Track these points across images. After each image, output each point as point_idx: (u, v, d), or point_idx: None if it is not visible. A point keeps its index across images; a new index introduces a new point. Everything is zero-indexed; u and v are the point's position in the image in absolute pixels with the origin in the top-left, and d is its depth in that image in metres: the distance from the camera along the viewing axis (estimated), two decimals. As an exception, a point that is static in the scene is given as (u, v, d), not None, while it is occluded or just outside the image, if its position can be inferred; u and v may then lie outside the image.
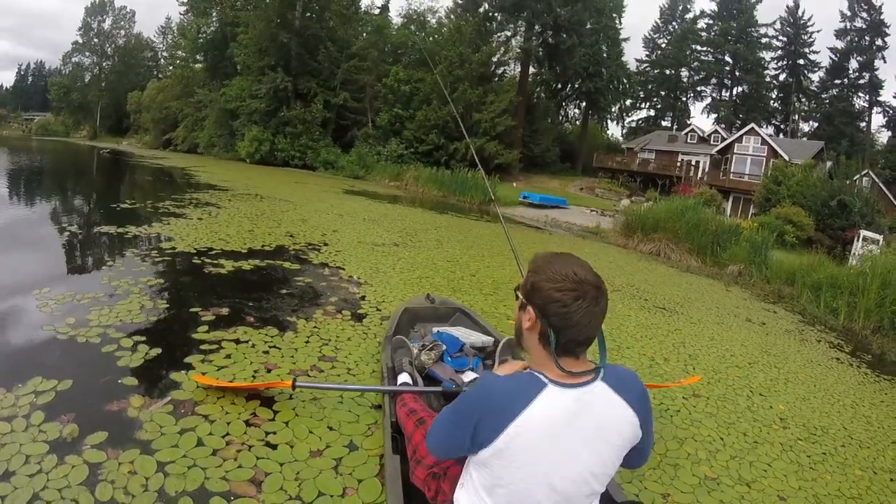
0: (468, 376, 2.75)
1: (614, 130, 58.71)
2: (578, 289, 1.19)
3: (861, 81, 45.09)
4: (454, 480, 1.51)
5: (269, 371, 2.99)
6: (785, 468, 2.84)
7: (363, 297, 4.75)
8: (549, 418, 1.19)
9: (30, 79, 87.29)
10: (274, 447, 2.30)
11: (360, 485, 2.14)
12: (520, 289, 1.31)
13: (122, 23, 61.86)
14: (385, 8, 40.43)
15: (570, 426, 1.20)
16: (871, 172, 28.95)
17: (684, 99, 53.27)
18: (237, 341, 3.33)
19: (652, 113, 54.51)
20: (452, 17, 36.20)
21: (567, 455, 1.21)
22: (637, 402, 1.28)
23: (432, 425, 1.46)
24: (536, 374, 1.24)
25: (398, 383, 2.51)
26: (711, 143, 35.48)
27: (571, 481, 1.24)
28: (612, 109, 47.89)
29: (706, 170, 33.56)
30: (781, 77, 49.69)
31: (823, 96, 47.38)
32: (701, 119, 77.18)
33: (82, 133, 58.56)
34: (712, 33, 50.29)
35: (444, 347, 2.93)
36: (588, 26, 38.21)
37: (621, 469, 2.47)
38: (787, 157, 27.94)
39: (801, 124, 49.28)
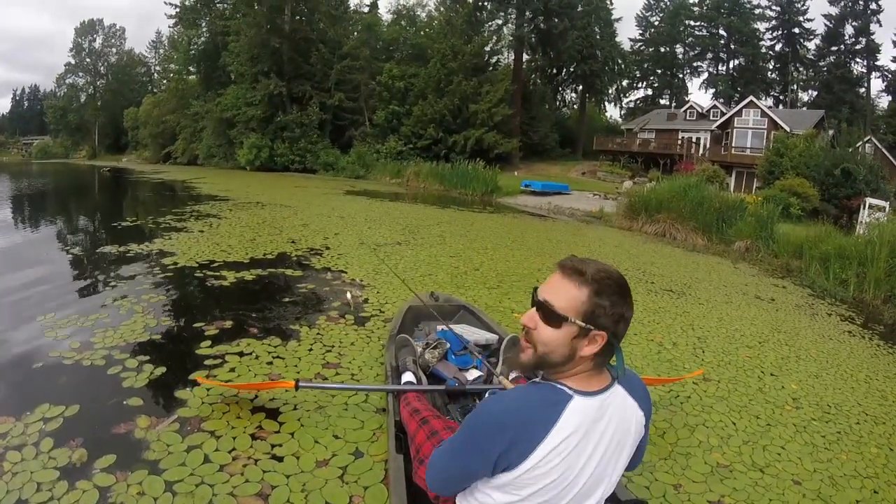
0: (472, 374, 2.74)
1: (613, 112, 58.35)
2: (624, 292, 1.17)
3: (858, 47, 44.38)
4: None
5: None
6: (799, 450, 2.80)
7: (366, 300, 4.74)
8: (578, 431, 1.14)
9: (25, 103, 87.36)
10: (280, 459, 2.30)
11: (367, 492, 2.14)
12: (577, 314, 1.14)
13: (113, 40, 61.99)
14: (374, 5, 40.23)
15: (596, 434, 1.18)
16: (873, 138, 28.54)
17: (681, 76, 52.72)
18: (241, 354, 3.33)
19: (649, 92, 54.00)
20: (442, 9, 36.01)
21: (589, 462, 1.18)
22: (644, 401, 1.28)
23: (433, 459, 1.34)
24: (558, 386, 1.17)
25: (402, 382, 2.50)
26: (711, 118, 35.08)
27: (588, 486, 1.22)
28: (609, 91, 47.48)
29: (707, 146, 33.20)
30: (777, 47, 48.99)
31: (821, 64, 46.70)
32: (699, 95, 76.63)
33: (82, 153, 58.72)
34: (705, 7, 49.63)
35: (448, 346, 2.91)
36: (579, 8, 37.96)
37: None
38: (787, 128, 27.60)
39: (800, 94, 48.67)
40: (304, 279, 5.41)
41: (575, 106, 48.75)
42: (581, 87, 44.68)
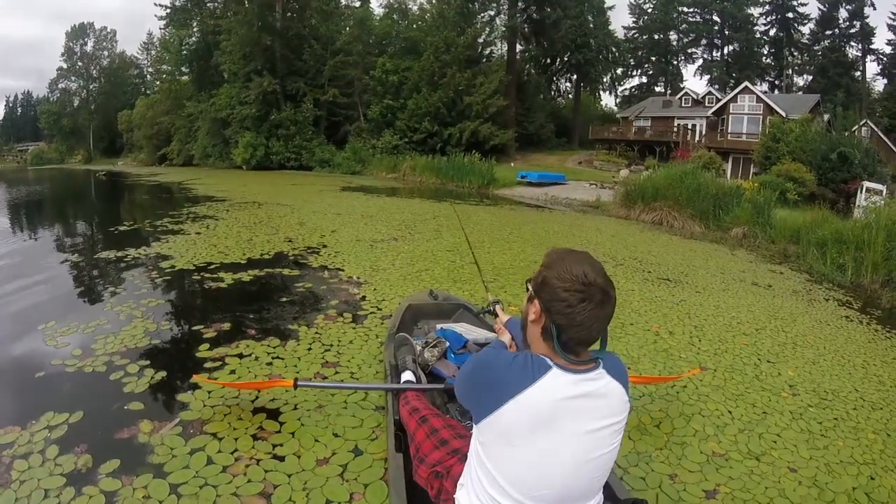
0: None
1: (608, 101, 58.23)
2: (586, 291, 1.19)
3: (852, 30, 44.19)
4: (456, 479, 1.51)
5: (272, 383, 3.02)
6: (795, 437, 2.82)
7: (363, 298, 4.76)
8: (552, 399, 1.20)
9: (19, 109, 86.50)
10: (281, 459, 2.33)
11: (367, 489, 2.17)
12: (531, 281, 1.33)
13: (105, 43, 61.51)
14: (365, -1, 39.97)
15: (573, 409, 1.21)
16: (869, 122, 28.57)
17: (675, 63, 52.54)
18: (240, 355, 3.36)
19: (644, 80, 53.90)
20: (434, 1, 35.76)
21: (568, 437, 1.22)
22: (627, 385, 1.31)
23: (457, 377, 1.47)
24: (543, 357, 1.25)
25: (401, 381, 2.52)
26: (706, 105, 34.99)
27: (573, 463, 1.24)
28: (604, 80, 47.46)
29: (703, 132, 33.11)
30: (772, 32, 48.81)
31: (815, 48, 46.52)
32: (694, 81, 76.16)
33: (77, 158, 58.30)
34: (698, -7, 49.49)
35: (448, 344, 2.92)
36: (571, -3, 37.75)
37: (627, 452, 2.50)
38: (783, 113, 27.53)
39: (795, 79, 48.53)
40: (302, 278, 5.43)
41: (570, 95, 48.71)
42: (575, 77, 44.63)
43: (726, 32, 48.94)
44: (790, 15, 47.40)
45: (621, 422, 1.29)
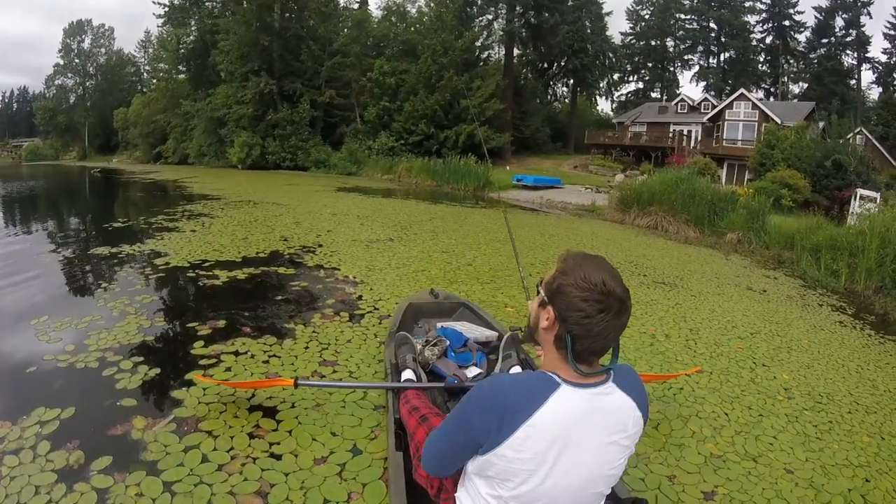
0: (472, 372, 2.75)
1: (604, 106, 58.32)
2: (605, 301, 1.14)
3: (848, 39, 44.57)
4: (457, 478, 1.50)
5: (270, 381, 2.99)
6: (791, 440, 2.83)
7: (360, 297, 4.75)
8: (563, 418, 1.16)
9: (14, 105, 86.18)
10: (278, 457, 2.31)
11: (365, 488, 2.15)
12: (542, 285, 1.27)
13: (102, 41, 61.26)
14: (364, 2, 39.99)
15: (582, 426, 1.18)
16: (864, 130, 28.76)
17: (672, 69, 52.79)
18: (236, 353, 3.33)
19: (640, 85, 54.06)
20: (432, 4, 35.83)
21: (577, 455, 1.19)
22: (642, 400, 1.27)
23: (429, 438, 1.40)
24: (549, 374, 1.20)
25: (402, 380, 2.50)
26: (702, 111, 35.20)
27: (580, 480, 1.22)
28: (600, 85, 47.75)
29: (698, 139, 33.28)
30: (768, 40, 49.14)
31: (811, 56, 46.88)
32: (690, 88, 76.88)
33: (72, 154, 58.02)
34: (695, 0, 49.78)
35: (448, 343, 2.91)
36: (569, 3, 37.94)
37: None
38: (778, 121, 27.69)
39: (790, 86, 48.82)
40: (298, 277, 5.41)
41: (566, 100, 48.82)
42: (572, 82, 44.81)
43: (723, 39, 49.25)
44: (786, 23, 47.75)
45: (632, 436, 1.25)
